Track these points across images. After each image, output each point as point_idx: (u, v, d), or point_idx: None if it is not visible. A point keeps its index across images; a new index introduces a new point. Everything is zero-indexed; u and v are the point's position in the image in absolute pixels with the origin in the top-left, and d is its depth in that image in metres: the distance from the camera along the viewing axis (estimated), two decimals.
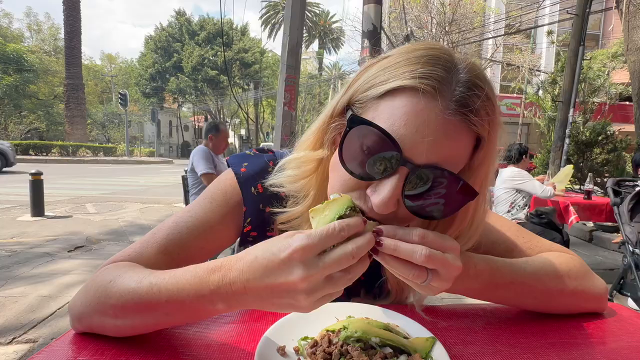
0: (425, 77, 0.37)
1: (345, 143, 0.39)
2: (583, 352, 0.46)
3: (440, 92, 0.37)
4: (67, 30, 17.86)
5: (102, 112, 30.00)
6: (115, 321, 0.42)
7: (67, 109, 18.87)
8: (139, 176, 11.47)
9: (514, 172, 2.98)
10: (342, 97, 0.45)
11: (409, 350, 0.41)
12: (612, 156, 5.87)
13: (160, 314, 0.40)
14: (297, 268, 0.33)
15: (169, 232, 0.52)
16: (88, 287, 0.46)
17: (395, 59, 0.41)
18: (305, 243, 0.33)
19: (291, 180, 0.51)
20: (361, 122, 0.38)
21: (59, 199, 6.21)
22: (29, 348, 1.75)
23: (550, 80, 8.78)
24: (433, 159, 0.37)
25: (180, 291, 0.38)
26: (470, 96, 0.37)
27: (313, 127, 0.50)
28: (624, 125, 10.70)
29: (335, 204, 0.37)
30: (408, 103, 0.37)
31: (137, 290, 0.40)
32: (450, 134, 0.37)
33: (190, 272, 0.39)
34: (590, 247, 4.29)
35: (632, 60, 5.50)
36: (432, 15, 13.72)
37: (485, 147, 0.40)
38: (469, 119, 0.37)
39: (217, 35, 28.17)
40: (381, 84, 0.40)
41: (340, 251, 0.33)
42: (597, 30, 18.80)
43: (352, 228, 0.34)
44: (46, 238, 3.75)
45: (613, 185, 2.35)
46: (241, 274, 0.36)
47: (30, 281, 2.58)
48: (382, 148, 0.37)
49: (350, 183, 0.41)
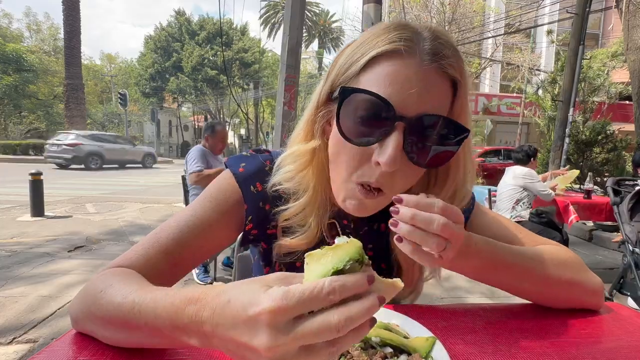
0: (396, 40, 0.42)
1: (341, 116, 0.42)
2: (583, 351, 0.46)
3: (412, 49, 0.41)
4: (67, 30, 17.83)
5: (101, 112, 29.97)
6: (104, 332, 0.41)
7: (67, 109, 18.82)
8: (139, 176, 11.47)
9: (525, 171, 3.01)
10: (324, 87, 0.48)
11: (409, 350, 0.41)
12: (612, 155, 5.88)
13: (142, 336, 0.38)
14: (262, 332, 0.27)
15: (170, 232, 0.52)
16: (83, 293, 0.45)
17: (365, 36, 0.45)
18: (277, 305, 0.26)
19: (290, 176, 0.53)
20: (352, 91, 0.41)
21: (59, 199, 6.21)
22: (29, 348, 1.75)
23: (550, 79, 8.79)
24: (422, 109, 0.41)
25: (157, 318, 0.35)
26: (437, 45, 0.42)
27: (301, 121, 0.52)
28: (623, 124, 10.69)
29: (337, 252, 0.30)
30: (387, 66, 0.42)
31: (121, 307, 0.38)
32: (430, 83, 0.42)
33: (169, 297, 0.35)
34: (590, 247, 4.29)
35: (631, 60, 5.49)
36: (431, 14, 13.71)
37: (462, 91, 0.44)
38: (442, 65, 0.42)
39: (217, 35, 28.14)
40: (358, 60, 0.43)
41: (320, 321, 0.27)
42: (597, 30, 18.79)
43: (347, 290, 0.27)
44: (46, 238, 3.75)
45: (613, 184, 2.35)
46: (212, 316, 0.30)
47: (31, 281, 2.58)
48: (376, 110, 0.41)
49: (356, 158, 0.43)
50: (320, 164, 0.51)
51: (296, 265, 0.59)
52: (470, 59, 16.87)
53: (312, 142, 0.50)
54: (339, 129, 0.43)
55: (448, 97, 0.44)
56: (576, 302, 0.57)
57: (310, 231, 0.53)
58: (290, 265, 0.59)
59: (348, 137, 0.43)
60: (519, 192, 3.02)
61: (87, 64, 31.04)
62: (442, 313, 0.56)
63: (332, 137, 0.48)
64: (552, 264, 0.54)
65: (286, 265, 0.60)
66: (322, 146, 0.50)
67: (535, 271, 0.53)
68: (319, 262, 0.30)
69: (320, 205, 0.53)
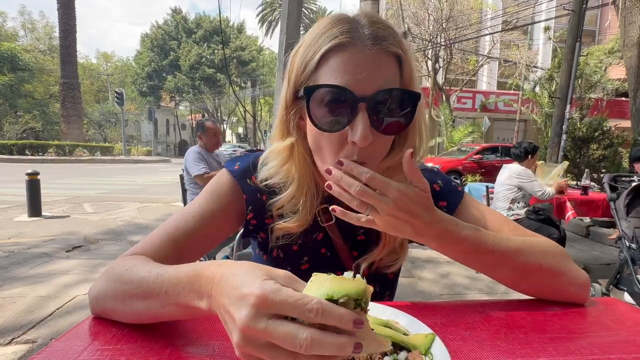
0: (339, 35, 0.47)
1: (311, 112, 0.48)
2: (580, 346, 0.46)
3: (354, 39, 0.47)
4: (62, 28, 17.68)
5: (98, 111, 29.77)
6: (123, 306, 0.46)
7: (63, 108, 18.71)
8: (137, 175, 11.43)
9: (519, 169, 2.97)
10: (288, 89, 0.53)
11: (409, 347, 0.41)
12: (609, 152, 5.91)
13: (159, 306, 0.42)
14: (245, 310, 0.29)
15: (177, 223, 0.57)
16: (106, 275, 0.50)
17: (311, 36, 0.50)
18: (264, 295, 0.29)
19: (274, 171, 0.58)
20: (315, 88, 0.47)
21: (56, 199, 6.19)
22: (28, 348, 1.75)
23: (547, 76, 8.81)
24: (376, 86, 0.46)
25: (178, 283, 0.40)
26: (376, 30, 0.48)
27: (276, 120, 0.57)
28: (620, 121, 10.75)
29: (339, 283, 0.31)
30: (337, 59, 0.47)
31: (146, 278, 0.44)
32: (377, 63, 0.47)
33: (191, 265, 0.40)
34: (587, 243, 4.32)
35: (628, 56, 5.51)
36: (429, 11, 13.70)
37: (406, 63, 0.50)
38: (384, 45, 0.47)
39: (214, 33, 28.00)
40: (311, 59, 0.49)
41: (291, 329, 0.28)
42: (593, 27, 18.84)
43: (328, 317, 0.28)
44: (44, 238, 3.73)
45: (609, 180, 2.37)
46: (220, 281, 0.34)
47: (28, 282, 2.57)
48: (339, 98, 0.46)
49: (335, 143, 0.49)
50: (300, 156, 0.56)
51: (293, 249, 0.64)
52: (467, 57, 16.88)
53: (289, 139, 0.55)
54: (313, 123, 0.48)
55: (396, 71, 0.49)
56: (558, 292, 0.58)
57: (302, 215, 0.58)
58: (286, 248, 0.64)
59: (322, 128, 0.48)
60: (514, 191, 2.98)
61: (83, 62, 30.83)
62: (441, 309, 0.56)
63: (308, 130, 0.53)
64: (534, 251, 0.56)
65: (282, 249, 0.64)
66: (299, 140, 0.55)
67: (516, 257, 0.55)
68: (321, 284, 0.31)
69: (308, 192, 0.58)
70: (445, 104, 13.80)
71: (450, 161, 9.53)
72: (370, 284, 0.67)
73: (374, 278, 0.66)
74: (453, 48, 14.38)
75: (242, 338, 0.30)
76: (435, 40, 13.99)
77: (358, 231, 0.65)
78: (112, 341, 0.44)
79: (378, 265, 0.64)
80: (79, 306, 2.22)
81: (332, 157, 0.50)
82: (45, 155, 16.78)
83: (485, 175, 8.76)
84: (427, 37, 14.14)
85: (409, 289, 2.70)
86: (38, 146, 17.58)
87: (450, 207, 0.65)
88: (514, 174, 2.97)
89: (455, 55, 15.33)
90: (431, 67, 14.38)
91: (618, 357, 0.44)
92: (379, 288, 0.68)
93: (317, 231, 0.64)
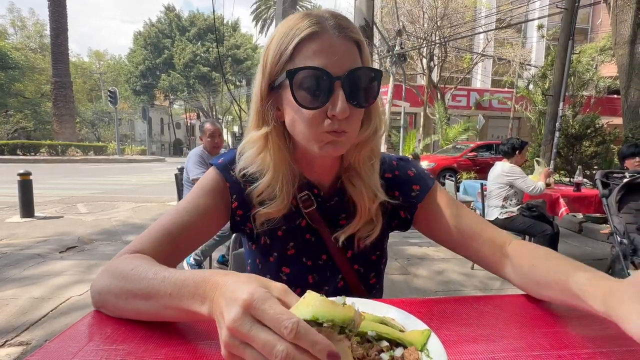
0: (310, 25, 0.53)
1: (295, 92, 0.53)
2: (573, 340, 0.47)
3: (324, 28, 0.53)
4: (53, 26, 17.41)
5: (91, 110, 29.41)
6: (126, 304, 0.48)
7: (55, 107, 18.44)
8: (131, 175, 11.33)
9: (506, 167, 2.96)
10: (263, 81, 0.57)
11: (405, 343, 0.41)
12: (601, 149, 5.97)
13: (160, 307, 0.44)
14: (234, 310, 0.32)
15: (171, 217, 0.61)
16: (110, 272, 0.52)
17: (282, 31, 0.55)
18: (251, 300, 0.31)
19: (251, 160, 0.62)
20: (297, 70, 0.52)
21: (49, 200, 6.11)
22: (22, 351, 1.73)
23: (541, 74, 8.86)
24: (347, 66, 0.53)
25: (183, 287, 0.42)
26: (338, 21, 0.55)
27: (251, 112, 0.61)
28: (612, 118, 10.87)
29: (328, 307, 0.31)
30: (312, 45, 0.53)
31: (153, 280, 0.46)
32: (345, 47, 0.54)
33: (198, 271, 0.42)
34: (580, 239, 4.38)
35: (619, 54, 5.58)
36: (423, 9, 13.73)
37: (363, 47, 0.58)
38: (347, 33, 0.55)
39: (208, 31, 27.75)
40: (286, 49, 0.54)
41: (271, 338, 0.29)
42: (586, 25, 19.02)
43: (302, 339, 0.29)
44: (37, 239, 3.69)
45: (602, 177, 2.39)
46: (223, 285, 0.37)
47: (22, 283, 2.54)
48: (319, 78, 0.52)
49: (317, 118, 0.54)
50: (275, 144, 0.60)
51: (278, 234, 0.67)
52: (462, 55, 16.96)
53: (264, 129, 0.59)
54: (297, 102, 0.53)
55: (357, 54, 0.56)
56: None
57: (280, 201, 0.62)
58: (272, 234, 0.67)
59: (305, 106, 0.53)
60: (505, 189, 2.97)
61: (75, 61, 30.36)
62: (436, 305, 0.56)
63: (289, 113, 0.57)
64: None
65: (268, 235, 0.68)
66: (274, 129, 0.59)
67: None
68: (310, 303, 0.32)
69: (284, 178, 0.61)
70: (440, 102, 13.86)
71: (446, 159, 9.58)
72: (354, 265, 0.70)
73: (358, 259, 0.69)
74: (448, 46, 14.43)
75: (229, 336, 0.32)
76: (430, 38, 14.03)
77: (340, 216, 0.68)
78: (107, 342, 0.44)
79: (358, 236, 0.67)
80: (74, 307, 2.20)
81: (315, 128, 0.55)
82: (37, 155, 16.55)
83: (480, 172, 8.83)
84: (422, 35, 14.17)
85: (404, 286, 2.71)
86: (30, 146, 17.32)
87: (422, 191, 0.69)
88: (503, 171, 2.97)
89: (450, 53, 15.38)
90: (426, 65, 14.42)
91: (609, 350, 0.45)
92: (363, 269, 0.70)
93: (299, 217, 0.67)
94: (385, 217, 0.68)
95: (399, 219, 0.71)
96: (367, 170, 0.63)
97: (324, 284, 0.69)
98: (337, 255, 0.67)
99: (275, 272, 0.68)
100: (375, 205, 0.65)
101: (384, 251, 0.74)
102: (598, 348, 0.46)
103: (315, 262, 0.68)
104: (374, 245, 0.69)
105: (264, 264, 0.69)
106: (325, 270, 0.69)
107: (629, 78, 5.44)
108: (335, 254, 0.67)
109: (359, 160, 0.63)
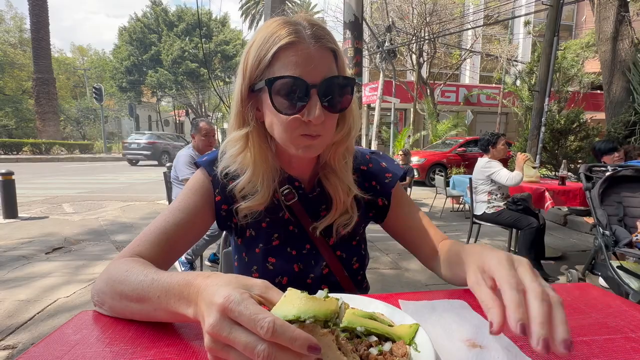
0: (288, 35, 0.55)
1: (273, 99, 0.55)
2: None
3: (301, 38, 0.55)
4: (34, 20, 16.81)
5: (75, 107, 28.59)
6: (121, 305, 0.50)
7: (38, 104, 17.86)
8: (119, 173, 11.10)
9: (484, 162, 3.02)
10: (243, 84, 0.59)
11: (394, 338, 0.42)
12: (585, 143, 6.11)
13: (151, 308, 0.46)
14: (213, 315, 0.33)
15: (166, 217, 0.63)
16: (108, 274, 0.54)
17: (261, 37, 0.57)
18: (226, 304, 0.32)
19: (232, 159, 0.64)
20: (275, 79, 0.55)
21: (34, 200, 5.95)
22: (7, 355, 1.69)
23: (528, 70, 9.00)
24: (322, 75, 0.56)
25: (170, 290, 0.43)
26: (316, 31, 0.57)
27: (232, 113, 0.63)
28: (595, 113, 11.16)
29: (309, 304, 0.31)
30: (289, 54, 0.55)
31: (142, 282, 0.47)
32: (321, 57, 0.56)
33: (183, 274, 0.43)
34: (565, 231, 4.50)
35: (602, 50, 5.71)
36: (413, 5, 13.75)
37: (339, 55, 0.60)
38: (323, 43, 0.57)
39: (197, 27, 27.21)
40: (265, 56, 0.56)
41: (251, 340, 0.30)
42: (570, 21, 19.38)
43: (280, 338, 0.29)
44: (21, 240, 3.59)
45: (585, 171, 2.45)
46: (205, 289, 0.37)
47: (6, 286, 2.48)
48: (296, 87, 0.55)
49: (293, 123, 0.57)
50: (256, 143, 0.63)
51: (262, 226, 0.70)
52: (451, 51, 17.09)
53: (245, 129, 0.62)
54: (275, 108, 0.56)
55: (333, 62, 0.59)
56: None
57: (262, 195, 0.65)
58: (256, 226, 0.70)
59: (284, 112, 0.56)
60: (488, 184, 3.01)
61: (58, 57, 29.44)
62: (427, 299, 0.57)
63: (268, 115, 0.60)
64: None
65: (253, 228, 0.70)
66: (254, 129, 0.62)
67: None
68: (291, 302, 0.32)
69: (265, 174, 0.64)
70: (430, 98, 13.96)
71: (435, 154, 9.68)
72: (337, 252, 0.73)
73: (339, 246, 0.73)
74: (437, 42, 14.51)
75: (211, 341, 0.33)
76: (419, 34, 14.09)
77: (320, 207, 0.71)
78: (94, 345, 0.43)
79: (336, 225, 0.70)
80: (61, 309, 2.15)
81: (291, 132, 0.58)
82: (19, 154, 16.05)
83: (469, 167, 8.95)
84: (411, 31, 14.21)
85: (395, 280, 2.74)
86: (12, 144, 16.77)
87: (394, 178, 0.76)
88: (481, 167, 3.02)
89: (439, 49, 15.48)
90: (415, 61, 14.49)
91: (591, 338, 0.47)
92: (345, 255, 0.73)
93: (281, 210, 0.70)
94: (361, 207, 0.73)
95: (376, 208, 0.77)
96: (341, 168, 0.68)
97: (309, 271, 0.72)
98: (319, 244, 0.71)
99: (262, 263, 0.71)
100: (350, 198, 0.70)
101: (363, 237, 0.79)
102: (579, 337, 0.47)
103: (300, 251, 0.71)
104: (353, 231, 0.73)
105: (251, 256, 0.72)
106: (309, 259, 0.72)
107: (612, 74, 5.58)
108: (318, 243, 0.71)
109: (334, 159, 0.67)
